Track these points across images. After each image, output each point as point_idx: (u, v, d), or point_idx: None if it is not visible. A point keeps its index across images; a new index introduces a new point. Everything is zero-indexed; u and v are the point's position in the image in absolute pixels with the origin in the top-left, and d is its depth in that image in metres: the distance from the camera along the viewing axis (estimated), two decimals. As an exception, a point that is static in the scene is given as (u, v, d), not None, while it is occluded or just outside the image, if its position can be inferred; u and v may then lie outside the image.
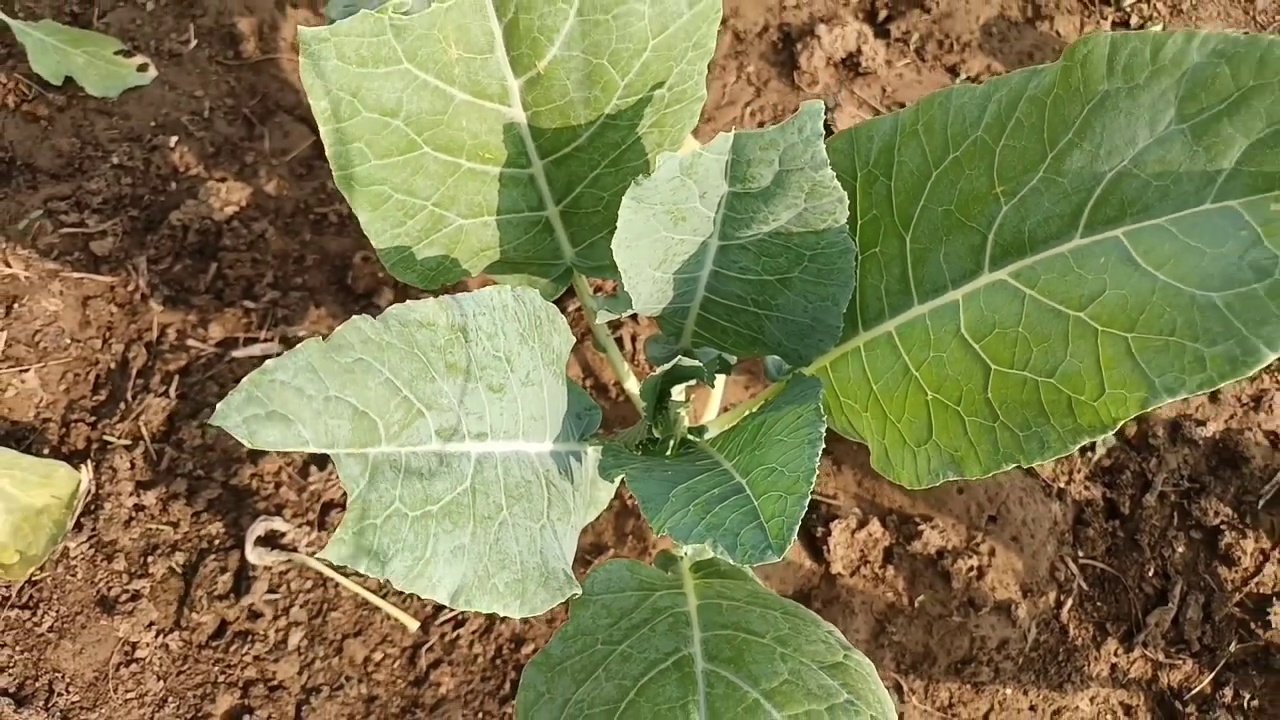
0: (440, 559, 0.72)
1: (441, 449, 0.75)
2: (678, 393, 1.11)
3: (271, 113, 1.74)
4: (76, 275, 1.58)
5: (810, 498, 0.72)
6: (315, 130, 1.73)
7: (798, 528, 0.72)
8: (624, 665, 0.86)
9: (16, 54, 1.75)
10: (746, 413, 1.04)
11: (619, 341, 1.53)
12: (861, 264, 0.90)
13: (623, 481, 0.99)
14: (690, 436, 1.09)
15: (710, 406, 1.30)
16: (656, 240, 0.89)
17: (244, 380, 0.62)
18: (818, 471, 0.74)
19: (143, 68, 1.74)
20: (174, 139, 1.68)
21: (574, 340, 0.95)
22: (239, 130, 1.72)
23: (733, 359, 1.08)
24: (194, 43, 1.77)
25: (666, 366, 0.99)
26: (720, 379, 1.17)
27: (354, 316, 0.69)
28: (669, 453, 1.06)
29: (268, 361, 0.63)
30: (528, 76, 0.91)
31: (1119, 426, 0.71)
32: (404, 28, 0.82)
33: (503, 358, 0.82)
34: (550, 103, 0.93)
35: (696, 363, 1.01)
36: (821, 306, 0.92)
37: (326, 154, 0.84)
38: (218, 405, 0.61)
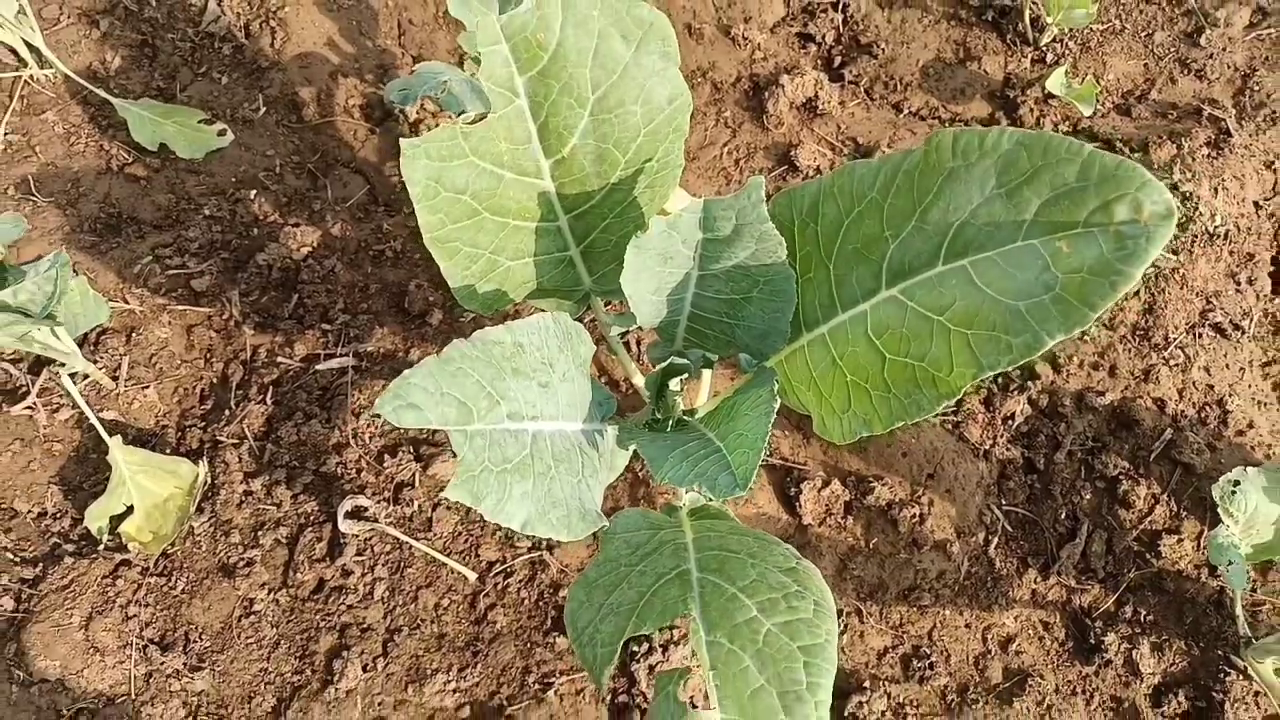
0: (514, 500, 1.06)
1: (511, 427, 1.09)
2: (674, 385, 1.45)
3: (331, 166, 2.08)
4: (181, 308, 1.92)
5: (784, 464, 1.06)
6: (369, 179, 2.09)
7: (755, 472, 1.06)
8: (640, 578, 1.20)
9: (117, 125, 2.09)
10: (724, 397, 1.38)
11: (627, 346, 1.86)
12: (801, 286, 1.23)
13: (634, 454, 1.34)
14: (684, 417, 1.43)
15: (701, 394, 1.63)
16: (652, 274, 1.23)
17: (390, 384, 0.96)
18: (793, 442, 1.08)
19: (222, 133, 2.08)
20: (253, 192, 2.03)
21: (594, 348, 1.29)
22: (305, 182, 2.07)
23: (714, 357, 1.42)
24: (263, 110, 2.12)
25: (664, 364, 1.33)
26: (706, 373, 1.51)
27: (454, 340, 1.03)
28: (668, 429, 1.40)
29: (405, 372, 0.97)
30: (555, 159, 1.25)
31: (962, 393, 1.04)
32: (469, 133, 1.17)
33: (547, 363, 1.16)
34: (571, 176, 1.27)
35: (686, 360, 1.35)
36: (774, 317, 1.26)
37: (420, 223, 1.18)
38: (376, 401, 0.95)
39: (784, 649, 1.06)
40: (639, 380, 1.57)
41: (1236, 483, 1.51)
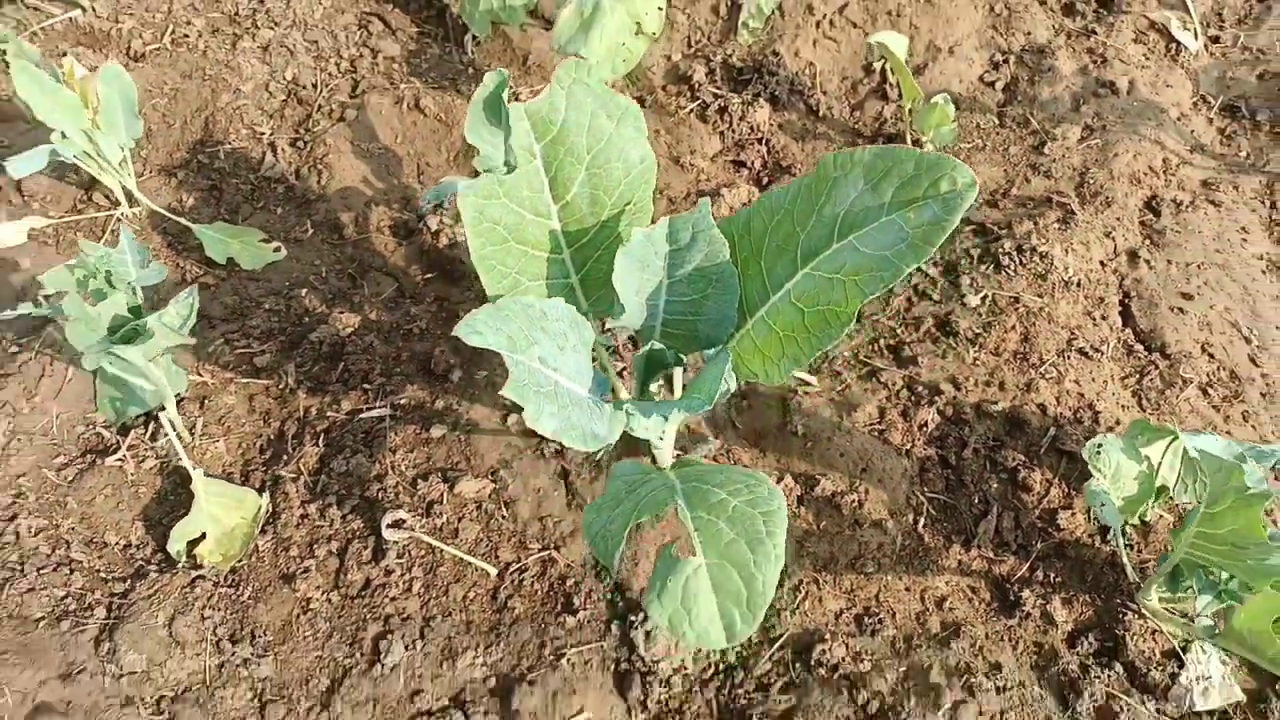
0: (545, 415, 1.46)
1: (540, 368, 1.50)
2: (653, 387, 1.87)
3: (367, 271, 2.56)
4: (245, 380, 2.33)
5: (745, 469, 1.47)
6: (397, 280, 2.56)
7: (712, 404, 1.47)
8: (637, 496, 1.57)
9: (191, 247, 2.58)
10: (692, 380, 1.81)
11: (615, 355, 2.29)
12: (742, 281, 1.69)
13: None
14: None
15: (676, 392, 2.05)
16: (635, 276, 1.69)
17: (464, 317, 1.39)
18: (751, 455, 1.49)
19: (277, 249, 2.57)
20: (303, 291, 2.49)
21: (594, 337, 1.72)
22: (346, 283, 2.54)
23: (683, 356, 1.85)
24: (311, 232, 2.62)
25: (646, 349, 1.76)
26: (677, 373, 1.93)
27: (500, 299, 1.46)
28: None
29: (471, 311, 1.40)
30: (561, 204, 1.74)
31: (855, 317, 1.49)
32: (503, 181, 1.65)
33: (563, 334, 1.59)
34: (573, 216, 1.75)
35: (662, 347, 1.78)
36: (725, 307, 1.71)
37: (469, 245, 1.64)
38: (456, 327, 1.37)
39: (747, 514, 1.44)
40: (624, 395, 1.98)
41: (1100, 444, 1.93)
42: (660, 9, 2.37)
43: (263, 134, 2.77)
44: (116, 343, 1.67)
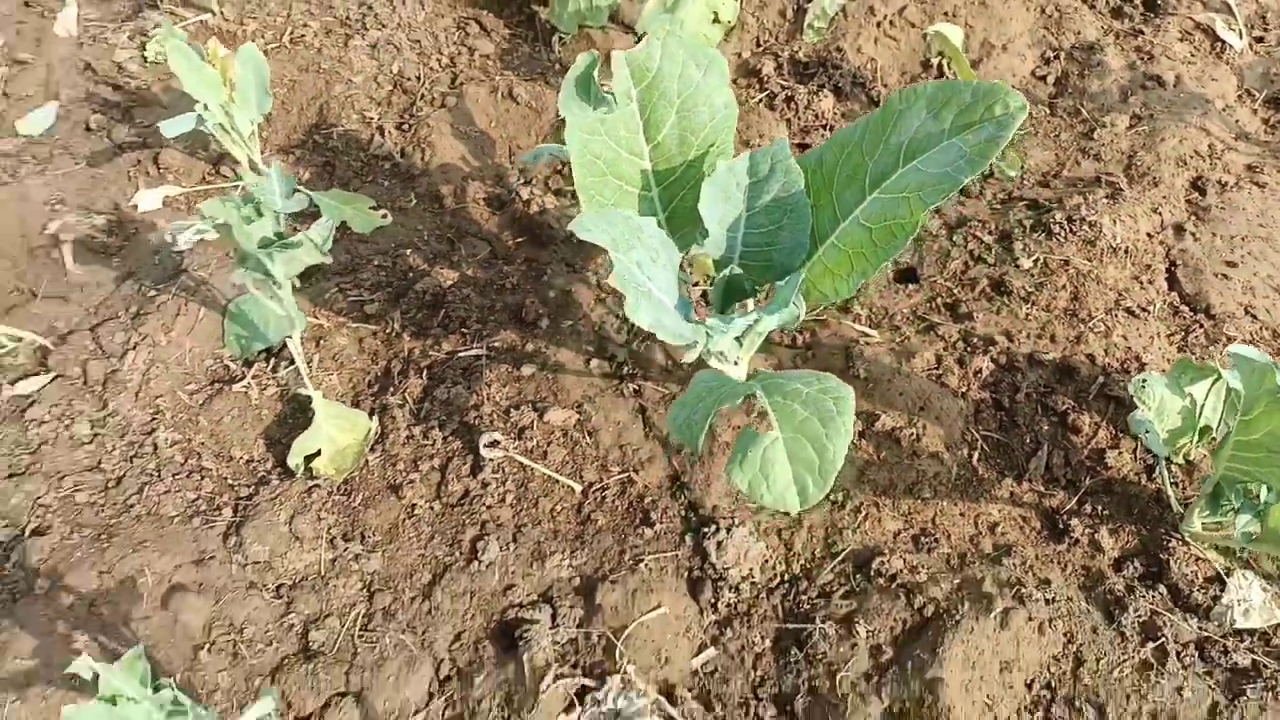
0: (642, 309, 1.67)
1: (637, 272, 1.72)
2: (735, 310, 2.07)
3: (463, 236, 2.82)
4: (355, 324, 2.58)
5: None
6: (490, 244, 2.81)
7: (788, 313, 1.67)
8: (715, 394, 1.76)
9: (309, 215, 2.86)
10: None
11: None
12: (814, 211, 1.90)
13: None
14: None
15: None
16: (718, 206, 1.90)
17: (575, 219, 1.61)
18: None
19: (384, 216, 2.83)
20: (408, 251, 2.75)
21: (680, 258, 1.93)
22: (445, 246, 2.79)
23: (758, 287, 2.05)
24: (414, 202, 2.89)
25: (724, 274, 1.97)
26: (751, 303, 2.13)
27: (605, 210, 1.68)
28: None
29: (581, 214, 1.62)
30: (653, 144, 1.97)
31: (917, 228, 1.67)
32: (604, 119, 1.89)
33: (655, 250, 1.81)
34: (662, 156, 1.98)
35: (741, 272, 1.98)
36: (798, 236, 1.91)
37: (574, 177, 1.87)
38: (571, 224, 1.59)
39: (818, 399, 1.62)
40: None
41: (1145, 380, 2.08)
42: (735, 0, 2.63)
43: (371, 119, 3.06)
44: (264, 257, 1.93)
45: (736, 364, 2.07)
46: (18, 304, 2.66)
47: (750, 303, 2.13)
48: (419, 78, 3.17)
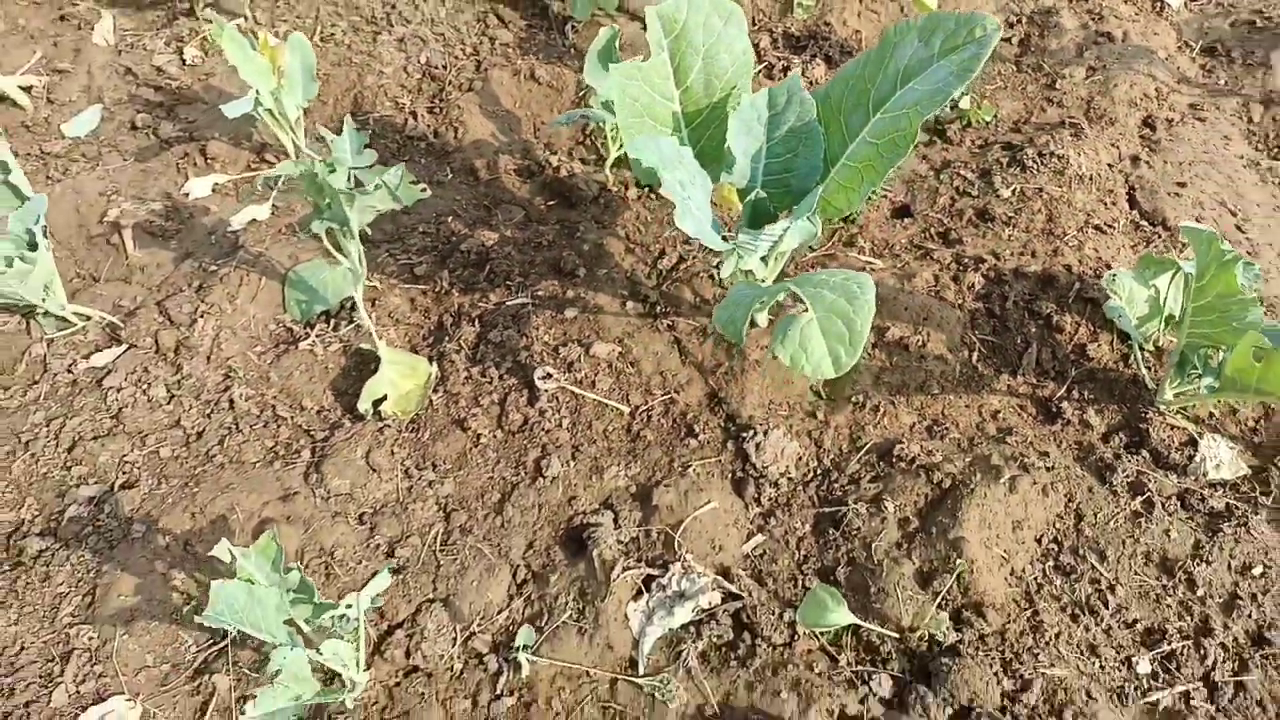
0: (687, 218, 1.94)
1: (679, 187, 1.99)
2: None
3: (499, 203, 3.07)
4: (406, 285, 2.83)
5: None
6: (524, 209, 3.07)
7: (810, 221, 1.95)
8: (753, 295, 2.03)
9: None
10: (789, 227, 2.28)
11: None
12: (826, 138, 2.18)
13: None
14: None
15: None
16: (743, 138, 2.18)
17: (634, 140, 1.87)
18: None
19: (424, 189, 3.07)
20: (449, 219, 3.00)
21: (712, 187, 2.20)
22: (483, 213, 3.05)
23: (779, 211, 2.33)
24: (451, 176, 3.15)
25: (750, 198, 2.24)
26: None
27: (656, 135, 1.95)
28: (757, 252, 2.29)
29: (634, 138, 1.89)
30: (682, 89, 2.24)
31: (917, 135, 1.96)
32: (640, 66, 2.16)
33: (692, 174, 2.08)
34: (690, 99, 2.26)
35: (765, 196, 2.26)
36: (813, 159, 2.19)
37: (617, 116, 2.14)
38: (628, 146, 1.86)
39: (844, 285, 1.90)
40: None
41: (1115, 274, 2.38)
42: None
43: (403, 104, 3.33)
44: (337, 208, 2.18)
45: (763, 283, 2.34)
46: (80, 289, 2.86)
47: (774, 226, 2.41)
48: (445, 66, 3.44)
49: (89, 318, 2.74)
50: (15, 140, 3.31)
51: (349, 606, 1.71)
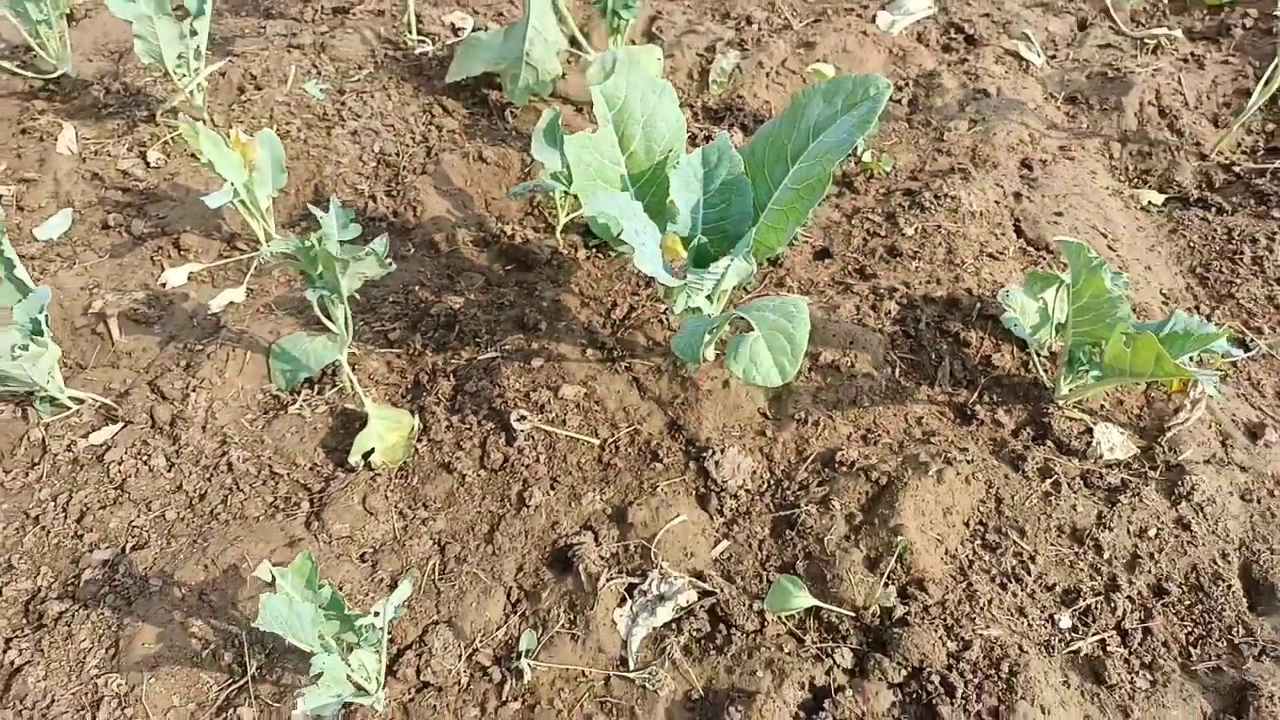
0: (645, 260, 2.25)
1: (635, 236, 2.30)
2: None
3: (461, 271, 3.35)
4: (382, 350, 3.07)
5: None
6: (485, 276, 3.35)
7: (747, 260, 2.28)
8: (705, 325, 2.34)
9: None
10: (728, 268, 2.61)
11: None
12: (754, 188, 2.54)
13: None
14: (708, 291, 2.64)
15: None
16: (683, 192, 2.52)
17: (592, 199, 2.19)
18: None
19: (390, 263, 3.35)
20: (416, 288, 3.26)
21: (661, 237, 2.52)
22: (447, 281, 3.32)
23: (718, 254, 2.66)
24: (413, 250, 3.42)
25: (693, 245, 2.57)
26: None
27: (611, 193, 2.27)
28: (702, 291, 2.61)
29: (595, 198, 2.21)
30: (627, 153, 2.58)
31: (830, 180, 2.31)
32: (590, 137, 2.50)
33: (644, 224, 2.40)
34: (635, 162, 2.60)
35: (706, 241, 2.59)
36: (743, 206, 2.54)
37: (574, 181, 2.46)
38: (586, 205, 2.17)
39: (785, 309, 2.22)
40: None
41: (1008, 291, 2.76)
42: (659, 62, 3.32)
43: (362, 189, 3.61)
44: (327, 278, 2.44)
45: (712, 326, 2.65)
46: (70, 375, 3.03)
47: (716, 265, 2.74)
48: (398, 153, 3.74)
49: (83, 400, 2.91)
50: (-12, 244, 3.49)
51: (376, 615, 1.92)
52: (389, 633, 2.32)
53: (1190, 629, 2.33)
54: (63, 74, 4.21)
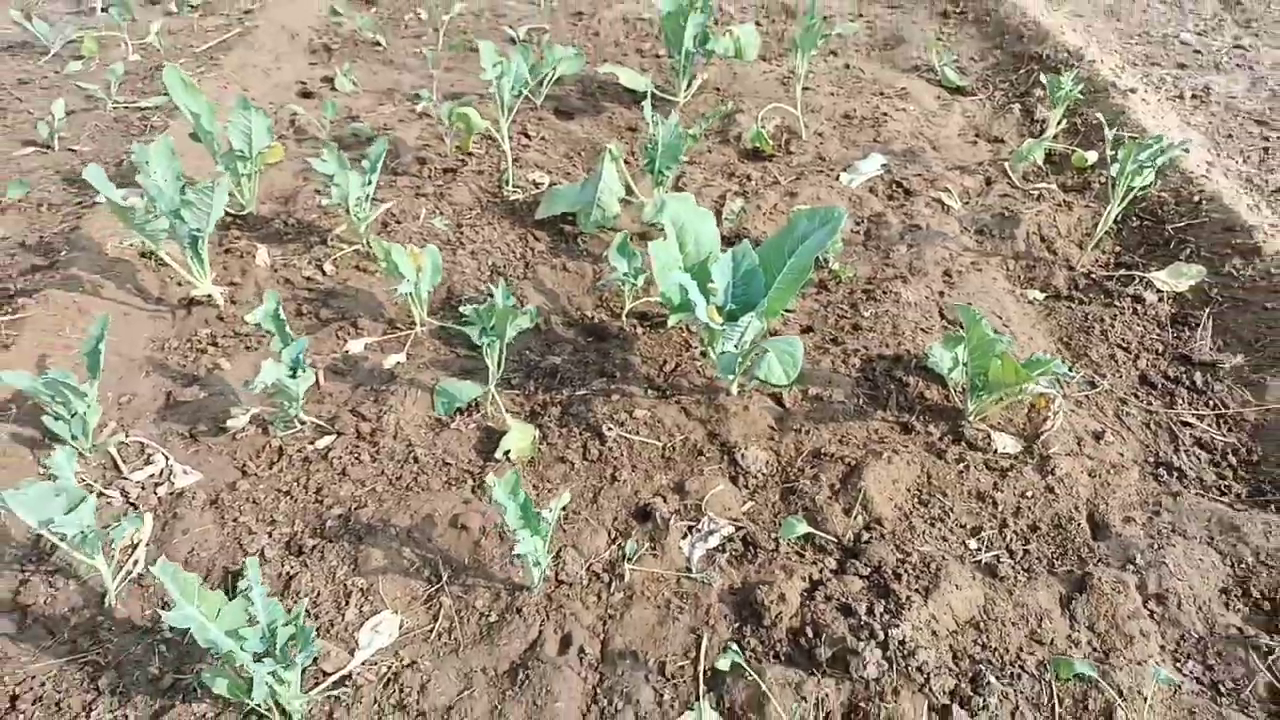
0: (699, 313, 3.61)
1: (691, 298, 3.67)
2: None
3: (557, 341, 4.68)
4: (508, 391, 4.38)
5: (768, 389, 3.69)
6: (574, 345, 4.72)
7: (762, 320, 3.67)
8: (735, 357, 3.68)
9: (463, 339, 4.69)
10: (748, 326, 3.98)
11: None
12: (764, 274, 3.93)
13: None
14: (735, 342, 4.00)
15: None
16: (720, 278, 3.91)
17: (658, 270, 3.56)
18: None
19: (536, 318, 4.70)
20: (526, 352, 4.60)
21: (706, 306, 3.90)
22: (546, 349, 4.65)
23: (741, 316, 4.02)
24: (520, 331, 4.78)
25: (726, 309, 3.94)
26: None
27: (676, 273, 3.65)
28: (732, 341, 3.97)
29: (666, 279, 3.59)
30: (684, 254, 3.99)
31: (811, 269, 3.69)
32: (661, 244, 3.91)
33: (697, 295, 3.78)
34: (688, 258, 4.00)
35: (734, 308, 3.96)
36: (759, 286, 3.93)
37: (652, 268, 3.85)
38: (660, 282, 3.54)
39: (789, 340, 3.58)
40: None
41: (931, 347, 4.13)
42: (692, 202, 4.80)
43: (481, 289, 5.01)
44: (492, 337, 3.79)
45: (739, 358, 4.00)
46: (285, 412, 4.31)
47: (742, 320, 4.11)
48: (505, 265, 5.17)
49: (305, 422, 4.18)
50: (213, 327, 4.84)
51: (550, 510, 3.15)
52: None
53: (1053, 550, 3.57)
54: (249, 211, 5.67)
